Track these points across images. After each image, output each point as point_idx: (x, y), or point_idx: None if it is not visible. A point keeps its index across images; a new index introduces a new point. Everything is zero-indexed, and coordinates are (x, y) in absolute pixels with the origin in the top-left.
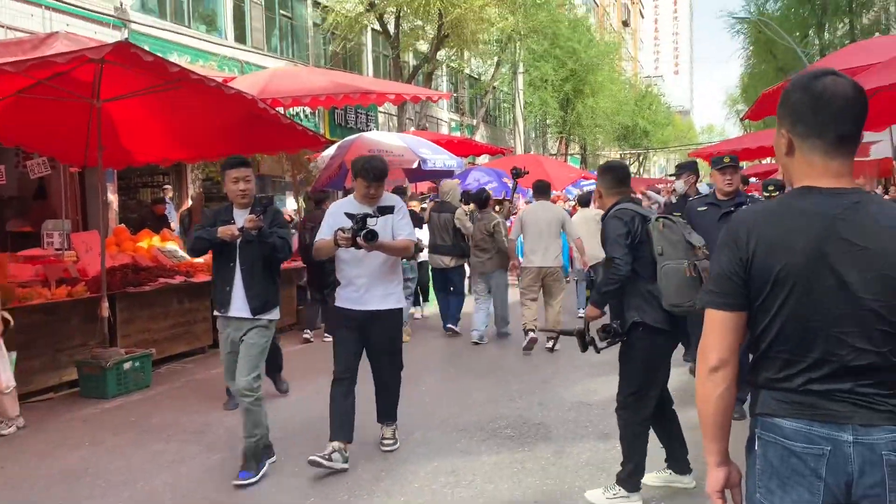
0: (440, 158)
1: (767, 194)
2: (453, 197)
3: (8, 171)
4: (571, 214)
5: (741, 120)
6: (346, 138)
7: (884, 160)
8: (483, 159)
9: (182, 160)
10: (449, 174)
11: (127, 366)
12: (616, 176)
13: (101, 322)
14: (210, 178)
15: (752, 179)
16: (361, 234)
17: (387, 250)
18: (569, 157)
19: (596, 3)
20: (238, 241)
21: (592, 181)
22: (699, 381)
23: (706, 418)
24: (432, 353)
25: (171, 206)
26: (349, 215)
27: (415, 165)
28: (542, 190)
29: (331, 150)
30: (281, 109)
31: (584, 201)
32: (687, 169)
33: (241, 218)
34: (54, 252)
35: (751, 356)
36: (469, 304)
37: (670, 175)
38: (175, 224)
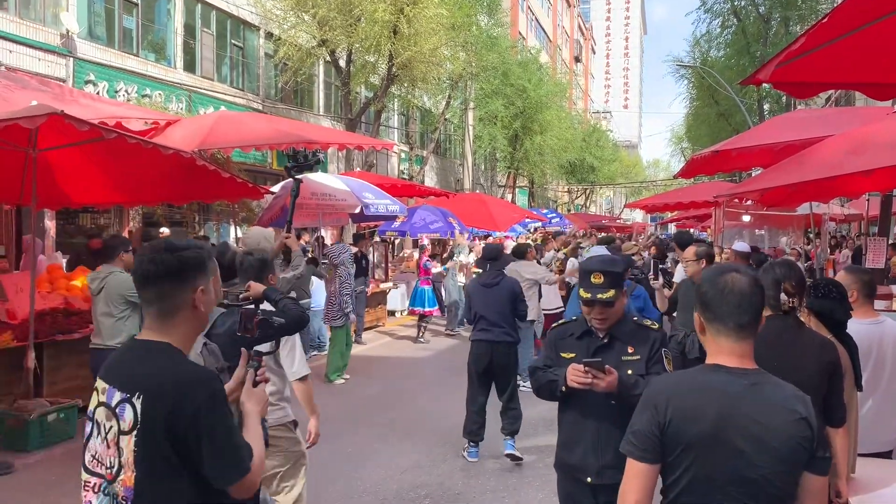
0: (382, 203)
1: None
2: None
3: None
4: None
5: (674, 177)
6: (289, 179)
7: (816, 215)
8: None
9: (120, 204)
10: (392, 219)
11: (51, 417)
12: None
13: (27, 372)
14: (150, 213)
15: (694, 231)
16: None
17: None
18: (517, 190)
19: (549, 38)
20: None
21: (537, 221)
22: None
23: None
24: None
25: None
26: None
27: (357, 210)
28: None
29: (276, 188)
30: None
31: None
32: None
33: None
34: None
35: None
36: None
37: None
38: None
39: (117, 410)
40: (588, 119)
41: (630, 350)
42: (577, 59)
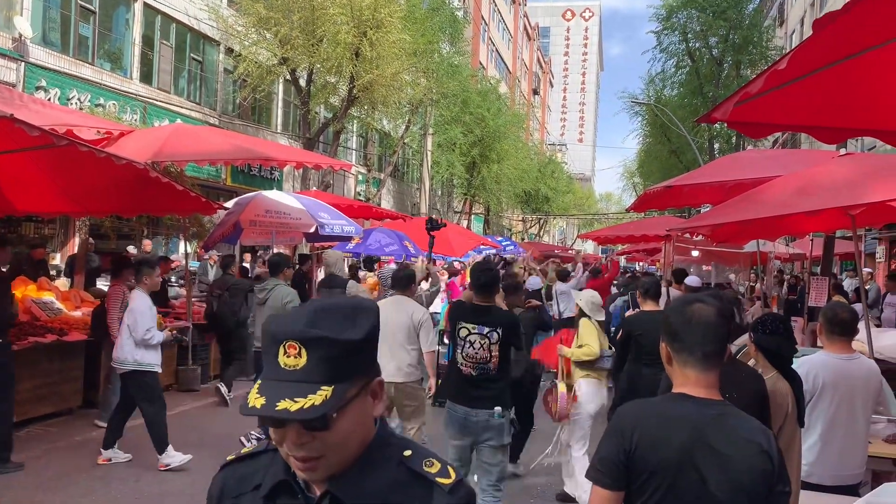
0: (338, 224)
1: None
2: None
3: None
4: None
5: (626, 211)
6: (243, 196)
7: (763, 253)
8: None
9: (67, 214)
10: (347, 240)
11: None
12: None
13: None
14: (98, 225)
15: (638, 265)
16: None
17: None
18: (473, 217)
19: (509, 69)
20: None
21: (492, 248)
22: None
23: None
24: None
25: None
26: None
27: (312, 230)
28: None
29: (229, 204)
30: None
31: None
32: None
33: None
34: None
35: None
36: None
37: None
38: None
39: (488, 335)
40: (544, 150)
41: None
42: (535, 92)
